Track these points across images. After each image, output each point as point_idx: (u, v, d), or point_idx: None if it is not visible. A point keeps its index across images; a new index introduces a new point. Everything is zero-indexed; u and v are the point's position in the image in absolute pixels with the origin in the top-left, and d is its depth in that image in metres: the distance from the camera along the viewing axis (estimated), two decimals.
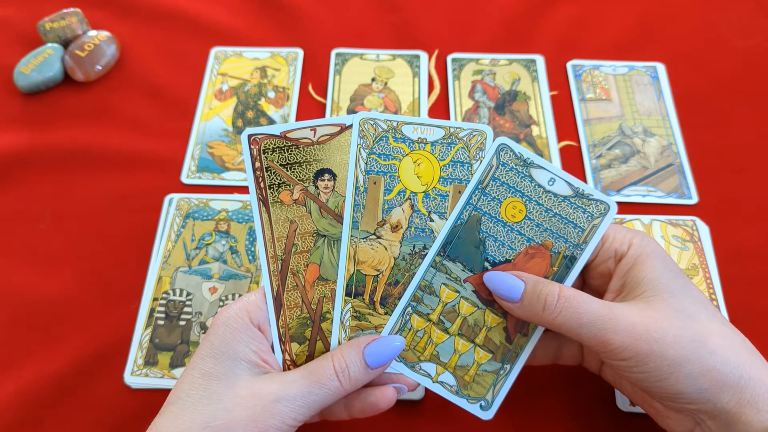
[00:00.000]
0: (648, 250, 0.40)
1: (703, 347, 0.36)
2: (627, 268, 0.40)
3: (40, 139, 0.65)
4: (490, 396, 0.42)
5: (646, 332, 0.36)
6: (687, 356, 0.36)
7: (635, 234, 0.42)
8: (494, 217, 0.42)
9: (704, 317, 0.38)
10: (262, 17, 0.76)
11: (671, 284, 0.39)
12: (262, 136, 0.42)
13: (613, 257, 0.41)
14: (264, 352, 0.40)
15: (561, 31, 0.74)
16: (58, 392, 0.51)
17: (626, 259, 0.41)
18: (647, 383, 0.37)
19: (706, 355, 0.36)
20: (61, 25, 0.72)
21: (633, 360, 0.37)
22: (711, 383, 0.36)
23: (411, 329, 0.42)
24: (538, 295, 0.39)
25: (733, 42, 0.72)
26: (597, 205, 0.41)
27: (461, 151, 0.42)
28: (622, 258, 0.41)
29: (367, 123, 0.43)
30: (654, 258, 0.40)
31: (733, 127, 0.65)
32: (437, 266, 0.42)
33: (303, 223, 0.42)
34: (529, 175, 0.42)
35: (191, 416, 0.36)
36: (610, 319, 0.37)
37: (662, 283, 0.39)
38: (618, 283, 0.41)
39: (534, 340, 0.42)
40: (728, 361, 0.36)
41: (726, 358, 0.36)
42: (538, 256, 0.42)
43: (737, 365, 0.36)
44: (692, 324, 0.37)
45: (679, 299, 0.38)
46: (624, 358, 0.37)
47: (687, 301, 0.38)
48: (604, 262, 0.42)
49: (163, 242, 0.58)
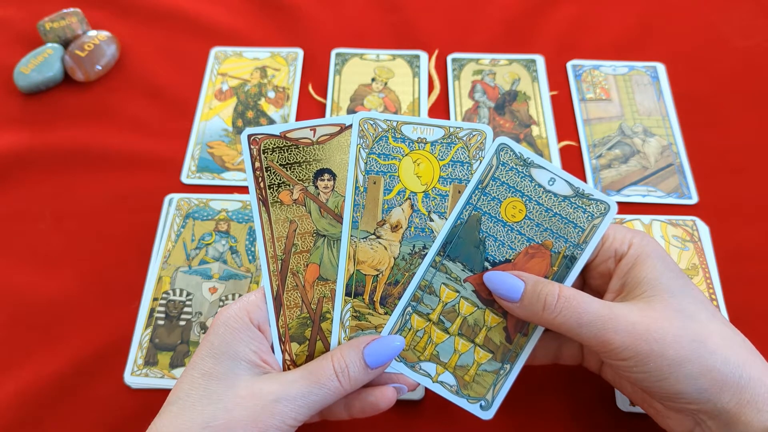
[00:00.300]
0: (648, 249, 0.40)
1: (703, 347, 0.36)
2: (627, 268, 0.40)
3: (40, 139, 0.65)
4: (490, 396, 0.42)
5: (646, 332, 0.36)
6: (687, 356, 0.36)
7: (635, 234, 0.41)
8: (494, 216, 0.42)
9: (704, 317, 0.38)
10: (262, 17, 0.76)
11: (671, 284, 0.39)
12: (262, 136, 0.42)
13: (613, 257, 0.41)
14: (264, 352, 0.40)
15: (561, 31, 0.74)
16: (58, 392, 0.51)
17: (626, 259, 0.40)
18: (647, 383, 0.37)
19: (706, 355, 0.36)
20: (61, 25, 0.72)
21: (633, 360, 0.37)
22: (711, 383, 0.36)
23: (411, 329, 0.42)
24: (538, 295, 0.39)
25: (733, 42, 0.72)
26: (597, 204, 0.41)
27: (461, 151, 0.42)
28: (622, 258, 0.41)
29: (366, 123, 0.43)
30: (654, 258, 0.40)
31: (733, 127, 0.65)
32: (437, 266, 0.42)
33: (303, 223, 0.42)
34: (529, 175, 0.42)
35: (191, 416, 0.36)
36: (610, 319, 0.37)
37: (662, 283, 0.39)
38: (618, 283, 0.41)
39: (534, 340, 0.42)
40: (728, 361, 0.36)
41: (726, 358, 0.36)
42: (538, 256, 0.42)
43: (737, 365, 0.36)
44: (692, 324, 0.37)
45: (679, 299, 0.38)
46: (624, 358, 0.37)
47: (687, 301, 0.38)
48: (604, 261, 0.42)
49: (163, 242, 0.58)
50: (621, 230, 0.42)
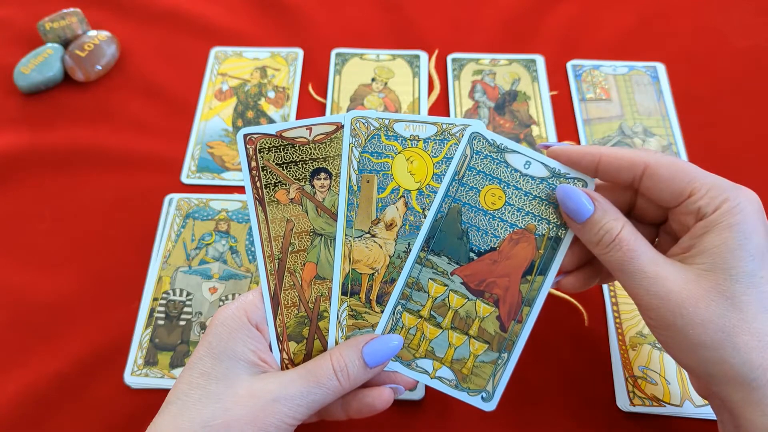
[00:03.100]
0: (734, 220, 0.35)
1: (728, 341, 0.34)
2: (702, 231, 0.36)
3: (40, 139, 0.66)
4: (491, 387, 0.42)
5: (676, 306, 0.35)
6: (706, 343, 0.35)
7: (731, 193, 0.36)
8: (474, 206, 0.42)
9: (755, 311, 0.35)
10: (262, 17, 0.77)
11: (739, 267, 0.35)
12: (258, 135, 0.42)
13: (694, 214, 0.37)
14: (262, 352, 0.40)
15: (561, 31, 0.74)
16: (58, 392, 0.51)
17: (705, 222, 0.36)
18: (663, 343, 0.37)
19: (727, 349, 0.34)
20: (61, 25, 0.72)
21: (655, 321, 0.36)
22: (722, 375, 0.35)
23: (403, 327, 0.42)
24: (600, 227, 0.38)
25: (733, 42, 0.72)
26: (575, 182, 0.41)
27: (454, 148, 0.42)
28: (702, 218, 0.37)
29: (359, 121, 0.42)
30: (736, 232, 0.35)
31: (733, 127, 0.65)
32: (422, 262, 0.42)
33: (299, 222, 0.42)
34: (504, 161, 0.42)
35: (191, 416, 0.36)
36: (650, 279, 0.36)
37: (727, 263, 0.35)
38: (688, 242, 0.37)
39: (529, 325, 0.42)
40: (747, 363, 0.34)
41: (748, 360, 0.34)
42: (523, 241, 0.42)
43: (757, 368, 0.34)
44: (732, 315, 0.34)
45: (736, 286, 0.35)
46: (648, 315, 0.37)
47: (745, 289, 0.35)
48: (685, 214, 0.38)
49: (163, 242, 0.58)
50: (716, 186, 0.37)
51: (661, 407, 0.49)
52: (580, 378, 0.51)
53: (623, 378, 0.50)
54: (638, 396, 0.49)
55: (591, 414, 0.49)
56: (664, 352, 0.51)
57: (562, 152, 0.41)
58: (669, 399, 0.49)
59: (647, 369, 0.51)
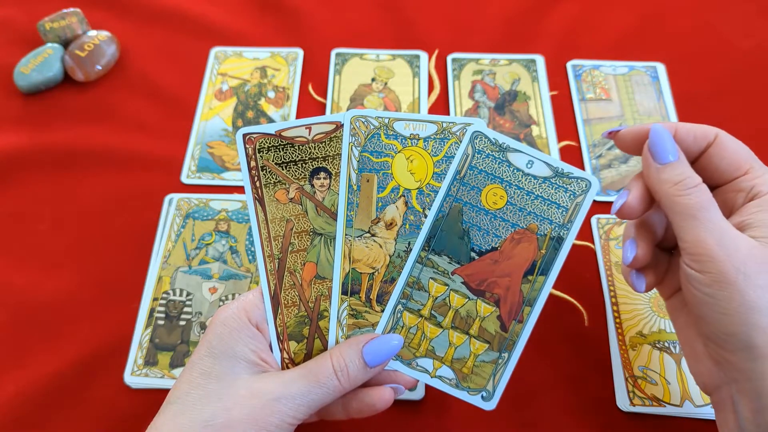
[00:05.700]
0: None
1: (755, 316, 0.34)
2: (757, 209, 0.37)
3: (40, 139, 0.66)
4: (491, 386, 0.41)
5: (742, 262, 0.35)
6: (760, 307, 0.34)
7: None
8: (475, 206, 0.42)
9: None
10: (262, 17, 0.77)
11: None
12: (257, 135, 0.42)
13: (746, 193, 0.38)
14: (262, 351, 0.40)
15: (561, 31, 0.74)
16: (58, 392, 0.51)
17: (761, 200, 0.37)
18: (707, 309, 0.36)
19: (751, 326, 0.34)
20: (61, 25, 0.72)
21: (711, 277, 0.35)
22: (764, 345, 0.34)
23: (404, 326, 0.42)
24: (682, 171, 0.37)
25: (733, 42, 0.72)
26: (578, 182, 0.41)
27: (454, 146, 0.42)
28: (754, 198, 0.38)
29: (358, 120, 0.42)
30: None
31: (733, 127, 0.65)
32: (423, 261, 0.42)
33: (299, 222, 0.42)
34: (507, 160, 0.42)
35: (191, 415, 0.36)
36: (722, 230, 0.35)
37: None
38: (741, 218, 0.38)
39: (530, 325, 0.41)
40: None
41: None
42: (524, 241, 0.42)
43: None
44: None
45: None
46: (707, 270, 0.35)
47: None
48: (734, 192, 0.39)
49: (163, 242, 0.58)
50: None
51: (661, 407, 0.49)
52: (580, 378, 0.51)
53: (623, 378, 0.50)
54: (638, 396, 0.49)
55: (591, 414, 0.49)
56: (665, 353, 0.51)
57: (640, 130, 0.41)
58: (669, 399, 0.49)
59: (647, 369, 0.51)
